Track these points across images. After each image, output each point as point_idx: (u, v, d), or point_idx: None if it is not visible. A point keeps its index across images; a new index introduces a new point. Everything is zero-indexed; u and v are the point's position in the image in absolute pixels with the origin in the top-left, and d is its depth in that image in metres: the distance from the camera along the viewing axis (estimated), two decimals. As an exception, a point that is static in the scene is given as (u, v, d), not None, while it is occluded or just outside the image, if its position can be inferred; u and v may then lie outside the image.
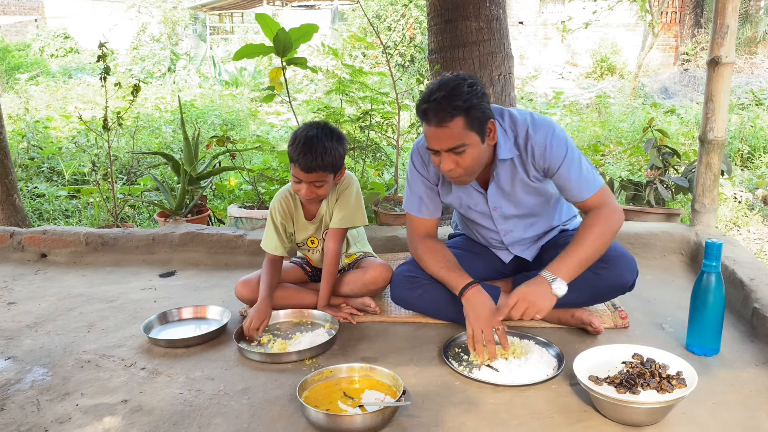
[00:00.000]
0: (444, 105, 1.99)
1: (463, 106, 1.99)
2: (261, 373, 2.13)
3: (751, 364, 2.08)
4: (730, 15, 2.89)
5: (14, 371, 2.21)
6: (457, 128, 2.01)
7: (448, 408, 1.87)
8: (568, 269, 2.04)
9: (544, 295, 2.00)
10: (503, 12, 3.93)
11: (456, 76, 2.06)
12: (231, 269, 3.28)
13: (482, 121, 2.05)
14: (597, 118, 8.95)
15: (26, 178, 6.17)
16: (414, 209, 2.39)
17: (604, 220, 2.11)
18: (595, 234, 2.08)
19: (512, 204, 2.31)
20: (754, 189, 5.37)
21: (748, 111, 8.47)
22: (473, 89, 2.01)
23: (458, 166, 2.07)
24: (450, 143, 2.03)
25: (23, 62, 15.32)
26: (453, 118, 1.99)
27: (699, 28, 15.24)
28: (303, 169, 2.35)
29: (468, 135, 2.03)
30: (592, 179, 2.15)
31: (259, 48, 3.73)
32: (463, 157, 2.05)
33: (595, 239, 2.08)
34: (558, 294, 2.01)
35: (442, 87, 2.01)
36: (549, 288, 2.01)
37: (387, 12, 14.53)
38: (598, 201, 2.15)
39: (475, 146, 2.06)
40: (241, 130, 8.77)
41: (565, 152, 2.13)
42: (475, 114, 2.02)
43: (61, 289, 3.07)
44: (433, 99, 2.00)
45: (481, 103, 2.03)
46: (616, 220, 2.13)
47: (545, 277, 2.03)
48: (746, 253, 2.81)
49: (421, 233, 2.40)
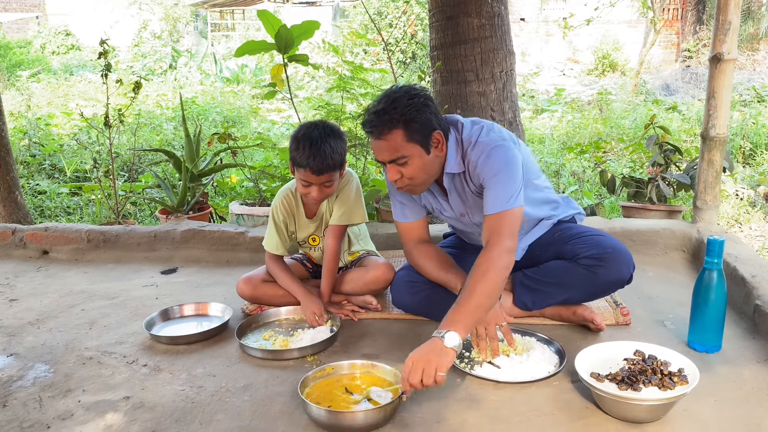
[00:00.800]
0: (382, 118, 2.00)
1: (401, 118, 1.99)
2: (263, 370, 2.13)
3: (752, 361, 2.08)
4: (732, 11, 2.88)
5: (16, 368, 2.21)
6: (396, 140, 2.01)
7: (450, 405, 1.87)
8: (462, 320, 1.88)
9: (438, 353, 1.81)
10: (505, 9, 3.93)
11: (399, 88, 2.06)
12: (232, 266, 3.28)
13: (424, 133, 2.04)
14: (598, 115, 8.94)
15: (28, 175, 6.18)
16: (399, 216, 2.39)
17: (494, 264, 1.96)
18: (487, 277, 1.94)
19: (476, 213, 2.28)
20: (756, 186, 5.37)
21: (749, 108, 8.47)
22: (413, 101, 2.01)
23: (404, 177, 2.08)
24: (390, 155, 2.04)
25: (25, 59, 15.33)
26: (391, 131, 2.01)
27: (701, 25, 15.21)
28: (315, 172, 2.31)
29: (408, 147, 2.03)
30: (505, 200, 2.05)
31: (261, 45, 3.72)
32: (407, 168, 2.06)
33: (487, 283, 1.94)
34: (450, 345, 1.82)
35: (382, 100, 2.03)
36: (441, 343, 1.85)
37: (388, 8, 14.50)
38: (497, 224, 2.04)
39: (417, 157, 2.05)
40: (242, 127, 8.78)
41: (495, 172, 2.07)
42: (414, 126, 2.01)
43: (63, 286, 3.08)
44: (372, 112, 2.03)
45: (421, 115, 2.02)
46: (506, 263, 1.99)
47: (435, 336, 1.86)
48: (748, 250, 2.81)
49: (413, 239, 2.38)
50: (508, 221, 2.05)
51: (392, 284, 2.50)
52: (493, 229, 2.04)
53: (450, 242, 2.64)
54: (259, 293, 2.58)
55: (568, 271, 2.26)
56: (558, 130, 7.99)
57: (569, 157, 6.19)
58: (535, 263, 2.36)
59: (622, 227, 3.16)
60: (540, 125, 8.46)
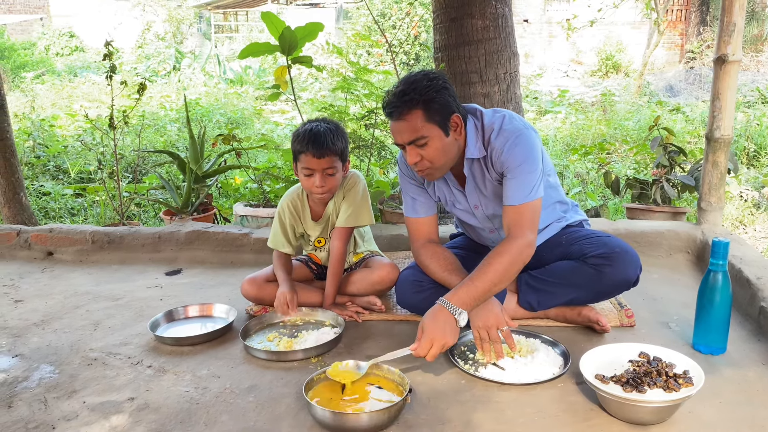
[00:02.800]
0: (402, 98, 2.04)
1: (420, 99, 2.03)
2: (267, 371, 2.13)
3: (757, 363, 2.08)
4: (737, 13, 2.88)
5: (21, 369, 2.22)
6: (416, 121, 2.04)
7: (454, 406, 1.87)
8: (471, 299, 1.99)
9: (452, 332, 1.95)
10: (509, 10, 3.93)
11: (419, 72, 2.11)
12: (237, 267, 3.28)
13: (443, 114, 2.07)
14: (602, 117, 8.93)
15: (32, 177, 6.20)
16: (410, 211, 2.41)
17: (517, 252, 2.05)
18: (503, 265, 2.03)
19: (491, 202, 2.31)
20: (761, 187, 5.35)
21: (754, 109, 8.45)
22: (432, 83, 2.05)
23: (423, 159, 2.11)
24: (410, 136, 2.07)
25: (29, 61, 15.37)
26: (411, 111, 2.04)
27: (705, 26, 15.19)
28: (315, 155, 2.36)
29: (428, 127, 2.06)
30: (527, 192, 2.10)
31: (265, 47, 3.73)
32: (427, 150, 2.08)
33: (503, 270, 2.03)
34: (461, 325, 1.97)
35: (402, 82, 2.07)
36: (454, 321, 1.96)
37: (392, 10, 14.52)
38: (518, 216, 2.10)
39: (437, 139, 2.08)
40: (246, 128, 8.78)
41: (520, 162, 2.11)
42: (434, 107, 2.05)
43: (68, 287, 3.08)
44: (392, 94, 2.06)
45: (440, 97, 2.06)
46: (526, 254, 2.08)
47: (449, 311, 1.98)
48: (753, 251, 2.80)
49: (421, 238, 2.39)
50: (529, 213, 2.10)
51: (397, 283, 2.50)
52: (516, 221, 2.10)
53: (457, 243, 2.64)
54: (263, 294, 2.58)
55: (575, 270, 2.27)
56: (562, 132, 7.98)
57: (573, 158, 6.18)
58: (541, 265, 2.36)
59: (626, 229, 3.16)
60: (544, 126, 8.45)
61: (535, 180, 2.12)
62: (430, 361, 1.96)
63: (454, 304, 1.98)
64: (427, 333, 1.95)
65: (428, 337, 1.94)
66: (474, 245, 2.60)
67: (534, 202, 2.11)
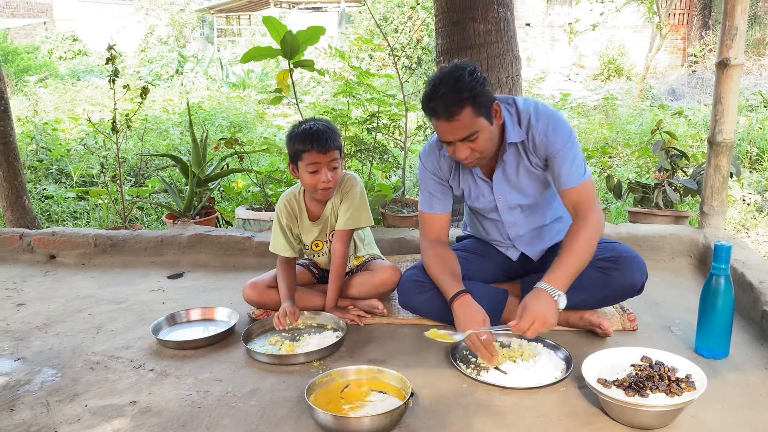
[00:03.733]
0: (451, 99, 2.03)
1: (469, 96, 2.03)
2: (269, 375, 2.13)
3: (760, 367, 2.07)
4: (739, 17, 2.88)
5: (24, 372, 2.22)
6: (466, 118, 2.05)
7: (456, 410, 1.87)
8: (566, 280, 2.04)
9: (553, 313, 1.99)
10: (511, 14, 3.93)
11: (455, 66, 2.09)
12: (239, 271, 3.28)
13: (488, 106, 2.10)
14: (604, 120, 8.93)
15: (35, 180, 6.21)
16: (426, 206, 2.43)
17: (592, 226, 2.12)
18: (584, 241, 2.09)
19: (516, 192, 2.33)
20: (763, 191, 5.35)
21: (756, 113, 8.44)
22: (474, 77, 2.05)
23: (473, 152, 2.13)
24: (463, 133, 2.08)
25: (32, 65, 15.40)
26: (462, 110, 2.04)
27: (707, 30, 15.19)
28: (320, 150, 2.38)
29: (478, 122, 2.08)
30: (582, 171, 2.18)
31: (267, 51, 3.74)
32: (477, 143, 2.11)
33: (586, 246, 2.09)
34: (561, 308, 2.02)
35: (444, 81, 2.05)
36: (555, 304, 2.00)
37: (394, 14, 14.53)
38: (583, 194, 2.17)
39: (485, 130, 2.11)
40: (248, 132, 8.80)
41: (565, 142, 2.17)
42: (481, 100, 2.06)
43: (70, 290, 3.09)
44: (440, 95, 2.04)
45: (485, 89, 2.08)
46: (600, 225, 2.15)
47: (549, 293, 2.01)
48: (755, 255, 2.79)
49: (432, 235, 2.41)
50: (590, 190, 2.19)
51: (399, 284, 2.51)
52: (581, 200, 2.17)
53: (462, 245, 2.63)
54: (265, 299, 2.58)
55: (581, 273, 2.27)
56: (564, 135, 7.96)
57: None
58: (547, 268, 2.37)
59: (628, 232, 3.15)
60: (546, 130, 8.43)
61: (583, 160, 2.20)
62: (530, 336, 1.98)
63: (552, 286, 2.01)
64: (529, 310, 1.97)
65: (531, 314, 1.97)
66: (480, 248, 2.59)
67: (590, 181, 2.20)
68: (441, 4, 3.90)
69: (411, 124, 4.60)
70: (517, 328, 1.98)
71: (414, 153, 6.12)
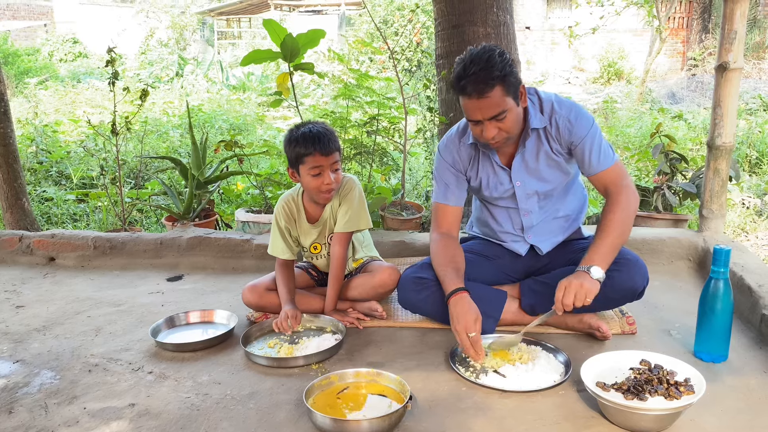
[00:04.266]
0: (482, 77, 2.08)
1: (500, 75, 2.09)
2: (268, 378, 2.13)
3: (759, 371, 2.07)
4: (738, 20, 2.88)
5: (22, 374, 2.22)
6: (496, 97, 2.11)
7: (455, 414, 1.86)
8: (600, 256, 2.12)
9: (588, 281, 2.07)
10: (510, 17, 3.93)
11: (484, 48, 2.14)
12: (238, 273, 3.28)
13: (516, 86, 2.16)
14: (604, 123, 8.93)
15: (35, 182, 6.21)
16: (440, 197, 2.47)
17: (625, 203, 2.20)
18: (620, 218, 2.17)
19: (534, 178, 2.37)
20: (763, 195, 5.35)
21: (756, 116, 8.44)
22: (504, 57, 2.12)
23: (501, 131, 2.19)
24: (492, 112, 2.13)
25: (32, 67, 15.41)
26: (493, 88, 2.09)
27: (706, 33, 15.21)
28: (323, 153, 2.39)
29: (506, 101, 2.13)
30: (610, 154, 2.27)
31: (267, 54, 3.74)
32: (505, 122, 2.17)
33: (621, 223, 2.17)
34: (597, 277, 2.08)
35: (476, 61, 2.10)
36: (588, 275, 2.08)
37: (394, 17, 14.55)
38: (614, 175, 2.25)
39: (513, 110, 2.17)
40: (248, 134, 8.80)
41: (589, 127, 2.25)
42: (511, 80, 2.13)
43: (69, 292, 3.09)
44: (471, 73, 2.09)
45: (514, 69, 2.15)
46: (634, 201, 2.24)
47: (580, 269, 2.10)
48: (755, 259, 2.80)
49: (444, 227, 2.45)
50: (621, 170, 2.27)
51: (399, 282, 2.52)
52: (611, 181, 2.25)
53: (468, 246, 2.62)
54: (264, 302, 2.58)
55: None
56: (563, 138, 7.98)
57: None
58: (547, 270, 2.38)
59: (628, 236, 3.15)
60: (545, 133, 8.44)
61: (608, 144, 2.28)
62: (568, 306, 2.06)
63: (584, 264, 2.11)
64: (563, 284, 2.08)
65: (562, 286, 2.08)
66: (485, 249, 2.59)
67: (619, 162, 2.28)
68: (441, 7, 3.91)
69: (410, 127, 4.61)
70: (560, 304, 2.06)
71: (413, 156, 6.12)
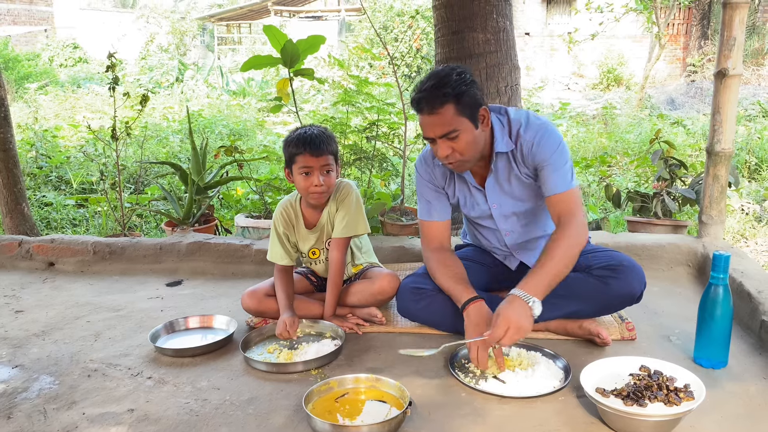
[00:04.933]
0: (434, 93, 2.08)
1: (453, 92, 2.07)
2: (267, 383, 2.13)
3: (759, 377, 2.07)
4: (737, 27, 2.89)
5: (21, 380, 2.22)
6: (448, 114, 2.09)
7: (455, 419, 1.86)
8: (542, 288, 2.03)
9: (528, 320, 1.98)
10: (510, 24, 3.94)
11: (446, 66, 2.15)
12: (238, 279, 3.28)
13: (473, 107, 2.12)
14: (603, 129, 8.95)
15: (34, 187, 6.21)
16: (424, 215, 2.45)
17: (573, 234, 2.11)
18: (564, 249, 2.08)
19: (510, 199, 2.35)
20: (762, 201, 5.35)
21: (755, 122, 8.47)
22: (462, 77, 2.10)
23: (454, 152, 2.15)
24: (443, 129, 2.11)
25: (33, 72, 15.42)
26: (444, 105, 2.08)
27: (706, 40, 15.25)
28: (313, 153, 2.40)
29: (460, 120, 2.10)
30: (568, 179, 2.19)
31: (267, 59, 3.75)
32: (458, 143, 2.13)
33: (565, 255, 2.08)
34: (536, 314, 2.00)
35: (432, 77, 2.12)
36: (530, 312, 1.99)
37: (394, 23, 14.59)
38: (568, 203, 2.17)
39: (468, 131, 2.13)
40: (248, 139, 8.81)
41: (553, 152, 2.19)
42: (465, 100, 2.09)
43: (69, 297, 3.08)
44: (424, 89, 2.10)
45: (471, 90, 2.11)
46: (582, 235, 2.14)
47: (523, 299, 2.00)
48: (754, 265, 2.80)
49: (434, 243, 2.42)
50: (575, 198, 2.19)
51: (398, 291, 2.51)
52: (565, 208, 2.17)
53: (462, 254, 2.63)
54: (264, 307, 2.57)
55: (579, 281, 2.27)
56: (563, 144, 7.98)
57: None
58: None
59: (627, 242, 3.16)
60: (545, 139, 8.45)
61: (570, 169, 2.21)
62: (506, 344, 1.97)
63: (527, 293, 2.01)
64: (503, 317, 1.97)
65: (504, 321, 1.95)
66: (480, 256, 2.60)
67: (576, 189, 2.20)
68: (441, 13, 3.92)
69: (410, 133, 4.61)
70: (492, 337, 1.96)
71: (413, 161, 6.12)
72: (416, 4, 15.27)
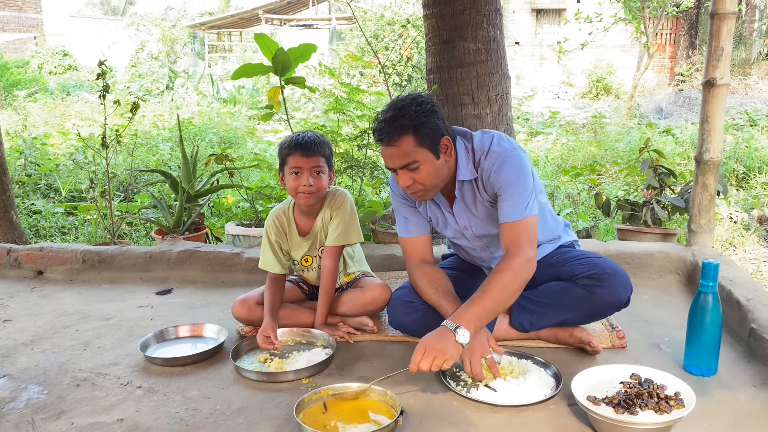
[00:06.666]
0: (392, 124, 2.06)
1: (411, 124, 2.05)
2: (258, 392, 2.12)
3: (748, 384, 2.08)
4: (724, 37, 2.92)
5: (9, 389, 2.19)
6: (407, 146, 2.07)
7: (446, 428, 1.86)
8: (472, 317, 1.99)
9: (451, 346, 1.94)
10: (500, 33, 3.97)
11: (407, 96, 2.12)
12: (228, 287, 3.27)
13: (433, 138, 2.10)
14: (593, 138, 9.00)
15: (23, 195, 6.17)
16: (403, 231, 2.43)
17: (517, 269, 2.07)
18: (503, 283, 2.05)
19: (481, 222, 2.33)
20: (750, 209, 5.40)
21: (742, 131, 8.54)
22: (422, 107, 2.07)
23: (415, 182, 2.13)
24: (402, 161, 2.09)
25: (22, 79, 15.37)
26: (402, 137, 2.06)
27: (693, 50, 15.41)
28: (303, 154, 2.42)
29: (419, 152, 2.08)
30: (522, 208, 2.13)
31: (258, 68, 3.75)
32: (419, 174, 2.11)
33: (504, 288, 2.05)
34: (462, 342, 1.95)
35: (391, 107, 2.09)
36: (453, 336, 1.95)
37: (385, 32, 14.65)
38: (519, 233, 2.12)
39: (428, 162, 2.11)
40: (238, 147, 8.80)
41: (511, 180, 2.14)
42: (424, 131, 2.07)
43: (58, 306, 3.06)
44: (383, 119, 2.08)
45: (430, 121, 2.08)
46: (527, 270, 2.09)
47: (448, 327, 1.97)
48: (743, 273, 2.82)
49: (416, 258, 2.40)
50: (526, 229, 2.12)
51: (389, 304, 2.50)
52: (513, 239, 2.12)
53: (448, 263, 2.64)
54: (254, 316, 2.56)
55: (566, 291, 2.27)
56: (552, 153, 8.04)
57: (564, 179, 6.22)
58: (533, 285, 2.37)
59: (617, 250, 3.17)
60: (534, 148, 8.51)
61: (528, 198, 2.15)
62: (424, 369, 1.91)
63: (453, 321, 1.98)
64: (421, 342, 1.95)
65: (421, 345, 1.94)
66: (466, 266, 2.61)
67: (529, 219, 2.14)
68: (431, 23, 3.94)
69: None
70: (411, 361, 1.93)
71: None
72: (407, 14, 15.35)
